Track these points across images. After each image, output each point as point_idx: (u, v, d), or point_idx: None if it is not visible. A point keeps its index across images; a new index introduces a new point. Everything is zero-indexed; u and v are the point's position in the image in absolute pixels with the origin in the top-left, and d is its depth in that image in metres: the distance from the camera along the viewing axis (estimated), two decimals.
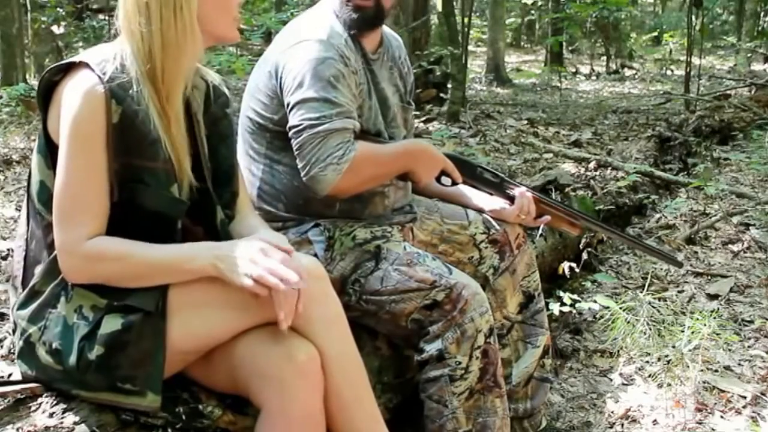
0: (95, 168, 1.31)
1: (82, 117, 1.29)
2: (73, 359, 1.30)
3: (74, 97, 1.30)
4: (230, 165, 1.56)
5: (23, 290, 1.41)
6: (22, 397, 1.37)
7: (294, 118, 1.68)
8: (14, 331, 1.42)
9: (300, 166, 1.69)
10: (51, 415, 1.32)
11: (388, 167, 1.80)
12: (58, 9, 8.01)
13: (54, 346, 1.32)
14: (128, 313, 1.31)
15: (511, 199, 1.98)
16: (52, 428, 1.29)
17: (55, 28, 7.92)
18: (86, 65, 1.32)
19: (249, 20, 7.14)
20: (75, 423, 1.30)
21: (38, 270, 1.39)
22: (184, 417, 1.38)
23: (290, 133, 1.69)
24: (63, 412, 1.32)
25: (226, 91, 1.58)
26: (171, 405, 1.38)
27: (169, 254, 1.34)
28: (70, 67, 1.34)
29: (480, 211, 2.03)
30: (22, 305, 1.39)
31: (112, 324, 1.30)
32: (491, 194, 2.00)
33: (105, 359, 1.29)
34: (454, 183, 1.91)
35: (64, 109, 1.31)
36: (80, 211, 1.31)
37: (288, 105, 1.70)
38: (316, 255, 1.77)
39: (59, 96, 1.33)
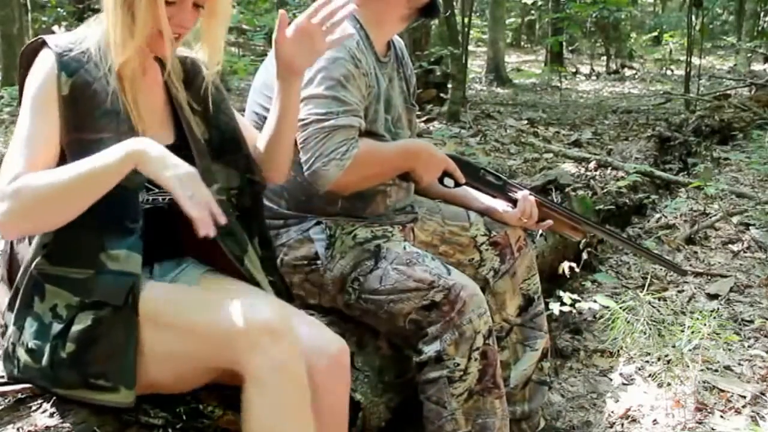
0: (43, 127, 1.30)
1: (36, 90, 1.32)
2: (46, 358, 1.30)
3: (30, 75, 1.34)
4: (233, 129, 1.56)
5: (10, 290, 1.41)
6: (22, 396, 1.36)
7: (301, 113, 1.68)
8: (3, 334, 1.42)
9: (303, 159, 1.69)
10: (51, 415, 1.31)
11: (389, 165, 1.81)
12: (58, 9, 8.02)
13: (29, 345, 1.32)
14: (100, 309, 1.30)
15: (514, 202, 1.97)
16: (52, 428, 1.28)
17: (56, 28, 7.90)
18: (44, 43, 1.35)
19: (251, 21, 7.11)
20: (75, 423, 1.30)
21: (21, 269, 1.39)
22: (184, 417, 1.38)
23: None
24: (64, 412, 1.32)
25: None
26: (171, 405, 1.38)
27: (79, 163, 1.28)
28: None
29: (482, 213, 2.03)
30: (9, 306, 1.40)
31: (83, 321, 1.29)
32: (494, 197, 2.00)
33: (77, 356, 1.28)
34: (457, 184, 1.91)
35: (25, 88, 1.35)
36: (19, 160, 1.28)
37: None
38: (317, 253, 1.78)
39: None
